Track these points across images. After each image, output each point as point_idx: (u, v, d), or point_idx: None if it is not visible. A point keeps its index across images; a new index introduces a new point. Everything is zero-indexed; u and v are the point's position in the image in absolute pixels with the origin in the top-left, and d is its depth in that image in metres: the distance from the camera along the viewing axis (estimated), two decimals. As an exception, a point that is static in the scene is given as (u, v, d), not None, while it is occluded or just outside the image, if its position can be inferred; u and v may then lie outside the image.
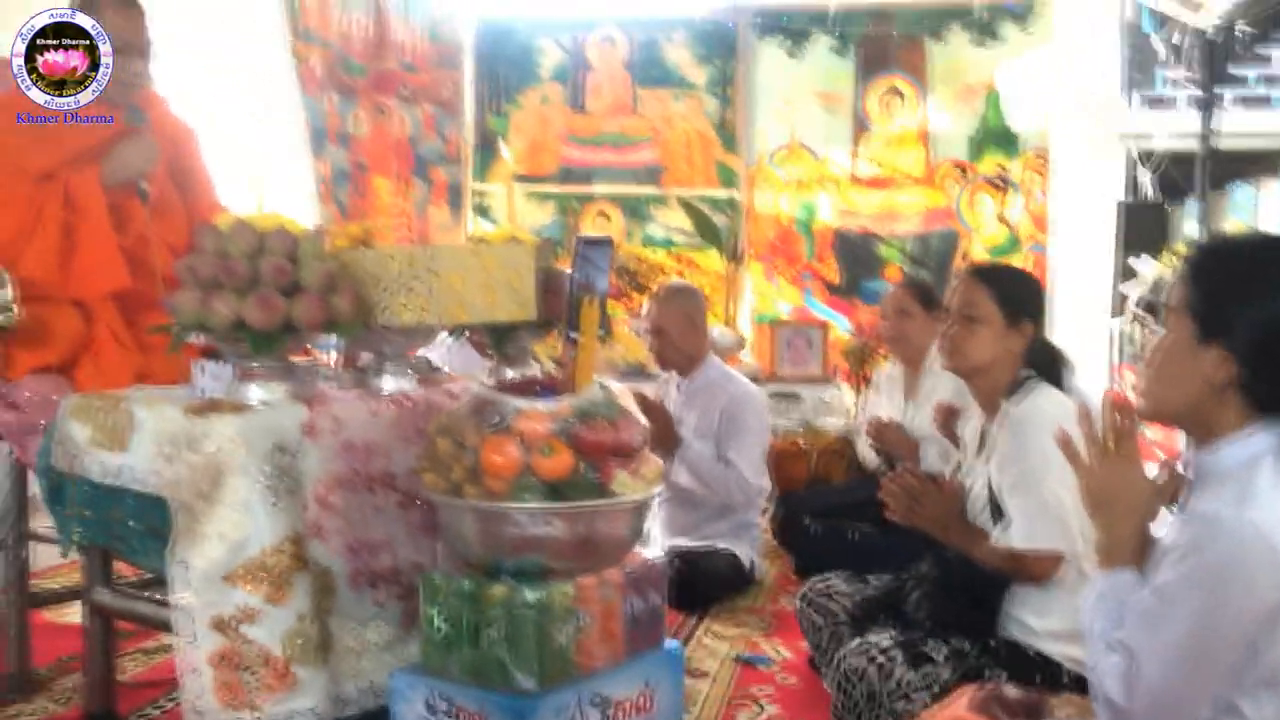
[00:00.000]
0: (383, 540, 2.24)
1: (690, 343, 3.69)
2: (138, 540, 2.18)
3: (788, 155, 6.45)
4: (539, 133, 6.52)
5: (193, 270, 2.03)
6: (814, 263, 6.45)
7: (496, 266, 2.17)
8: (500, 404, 2.04)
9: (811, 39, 6.34)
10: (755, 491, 3.62)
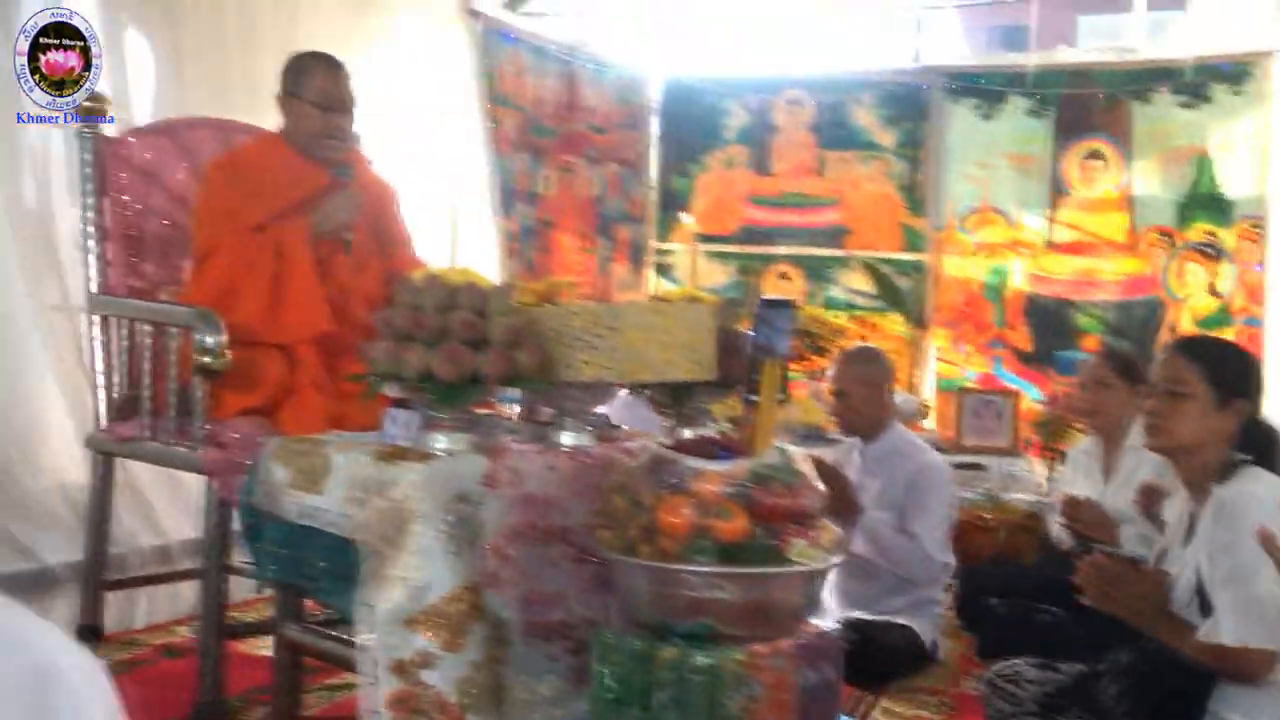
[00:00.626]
0: (557, 594, 2.25)
1: (874, 408, 3.60)
2: (327, 580, 2.26)
3: (979, 219, 6.28)
4: (722, 193, 6.56)
5: (387, 322, 2.12)
6: (1004, 330, 6.23)
7: (677, 326, 2.18)
8: (677, 464, 2.03)
9: (1006, 100, 6.18)
10: (938, 567, 3.48)
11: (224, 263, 2.79)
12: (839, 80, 6.47)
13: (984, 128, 6.22)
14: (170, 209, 3.10)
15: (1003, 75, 6.24)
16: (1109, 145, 6.05)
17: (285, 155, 2.93)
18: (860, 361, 3.65)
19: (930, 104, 6.28)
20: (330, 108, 2.88)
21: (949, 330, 6.30)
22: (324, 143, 2.89)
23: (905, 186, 6.37)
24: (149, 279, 3.08)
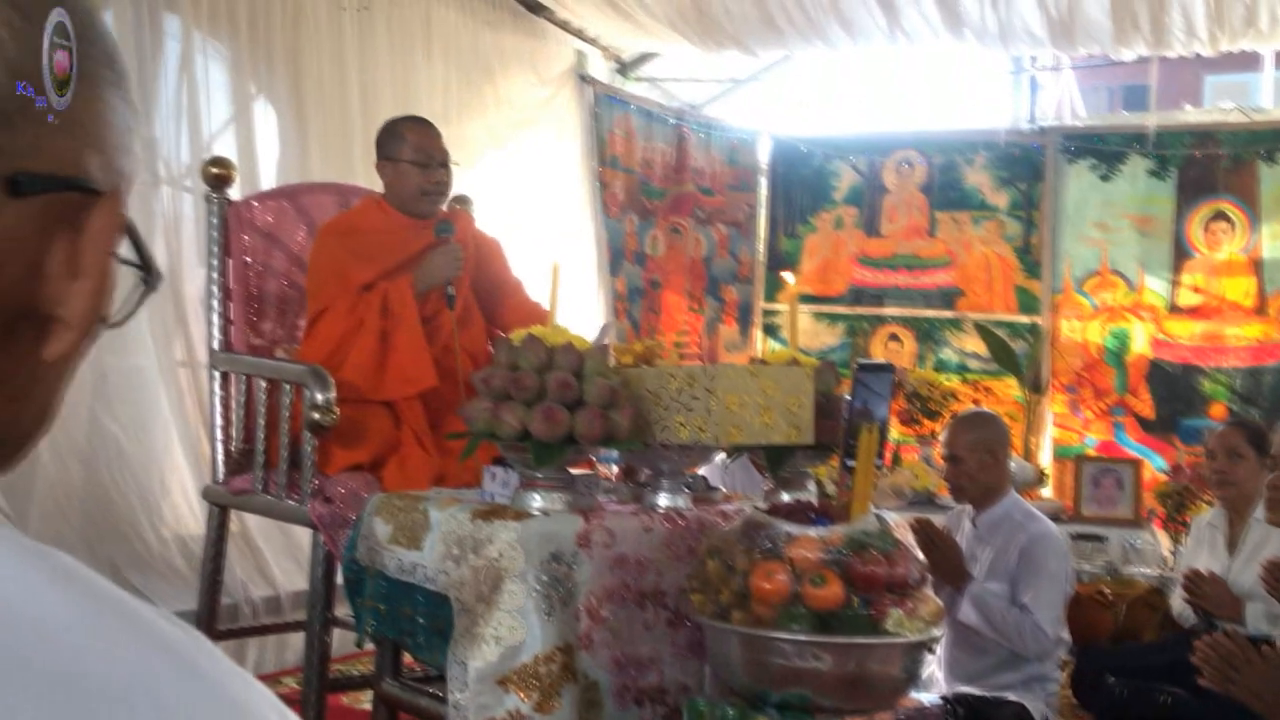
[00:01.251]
0: (650, 657, 2.23)
1: (988, 474, 3.49)
2: (423, 636, 2.28)
3: (1098, 281, 6.11)
4: (831, 254, 6.52)
5: (486, 381, 2.15)
6: (1126, 395, 6.02)
7: (774, 389, 2.16)
8: (771, 528, 2.00)
9: (1126, 161, 6.03)
10: (1051, 643, 3.34)
11: (334, 322, 2.88)
12: (951, 140, 6.40)
13: (1103, 189, 6.07)
14: (289, 269, 3.22)
15: (1122, 136, 6.09)
16: (1235, 207, 5.84)
17: (389, 216, 3.03)
18: (974, 425, 3.56)
19: (1046, 164, 6.16)
20: (426, 163, 2.98)
21: (1067, 395, 6.11)
22: (423, 198, 2.99)
23: (1020, 248, 6.24)
24: (268, 337, 3.20)
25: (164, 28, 3.67)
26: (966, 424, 3.56)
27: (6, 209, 0.50)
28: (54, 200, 0.52)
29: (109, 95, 0.55)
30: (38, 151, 0.51)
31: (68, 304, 0.53)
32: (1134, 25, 5.05)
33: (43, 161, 0.51)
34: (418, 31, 4.77)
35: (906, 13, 5.29)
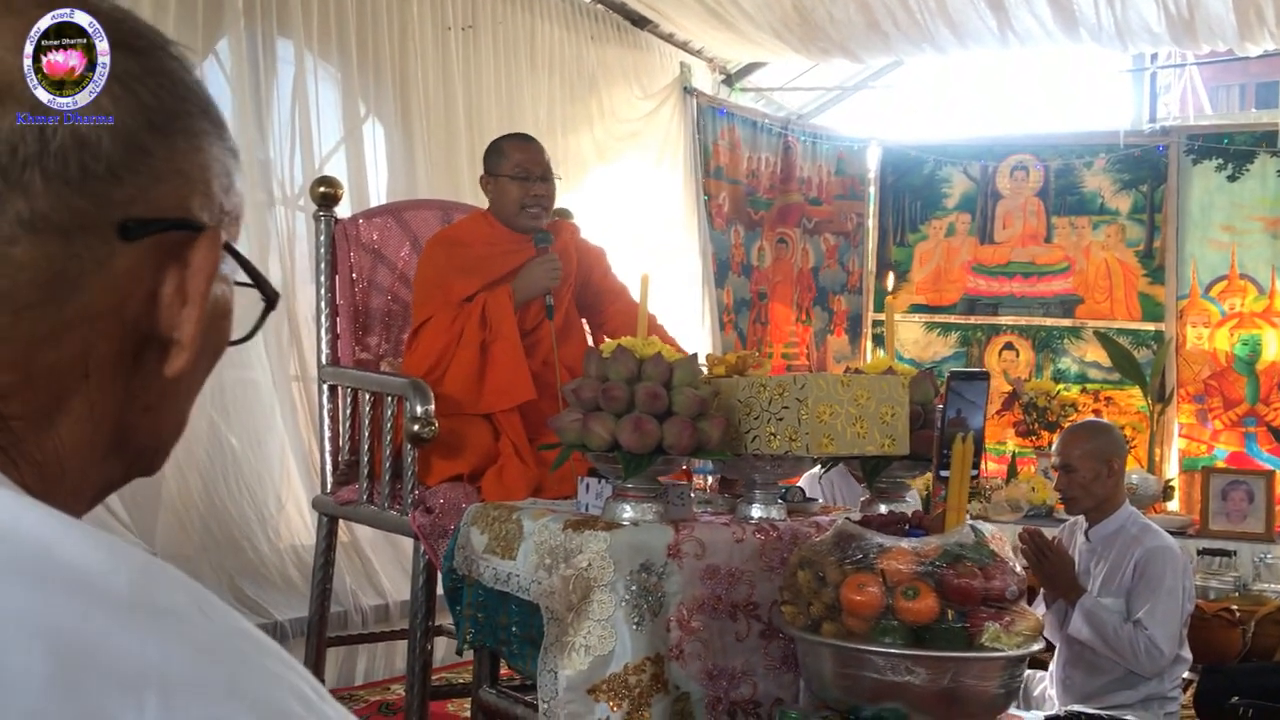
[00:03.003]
0: (743, 670, 2.21)
1: (1102, 486, 3.37)
2: (517, 645, 2.30)
3: (1227, 286, 5.85)
4: (943, 262, 6.39)
5: (576, 393, 2.16)
6: (1257, 405, 5.74)
7: (867, 398, 2.12)
8: (863, 540, 1.97)
9: (1256, 161, 5.77)
10: (1166, 661, 3.20)
11: (435, 334, 2.94)
12: (1068, 143, 6.21)
13: (1230, 189, 5.81)
14: (394, 285, 3.30)
15: (1250, 134, 5.83)
16: (1375, 204, 5.53)
17: (494, 230, 3.08)
18: (1089, 435, 3.44)
19: (1169, 165, 5.93)
20: (526, 177, 3.02)
21: (1194, 405, 5.86)
22: (523, 212, 3.03)
23: (1142, 253, 6.02)
24: (373, 350, 3.28)
25: (278, 52, 3.80)
26: (1081, 433, 3.45)
27: (122, 251, 0.58)
28: (161, 239, 0.60)
29: (206, 143, 0.63)
30: (144, 200, 0.59)
31: (181, 328, 0.61)
32: (1259, 19, 4.84)
33: (149, 207, 0.59)
34: (523, 48, 4.85)
35: (1018, 14, 5.16)
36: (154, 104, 0.60)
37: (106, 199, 0.58)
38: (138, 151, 0.59)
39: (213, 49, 3.55)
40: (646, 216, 5.51)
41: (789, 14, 5.30)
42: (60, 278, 0.56)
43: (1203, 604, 3.96)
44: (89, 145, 0.57)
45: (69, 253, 0.56)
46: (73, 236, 0.56)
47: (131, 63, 0.60)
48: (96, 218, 0.57)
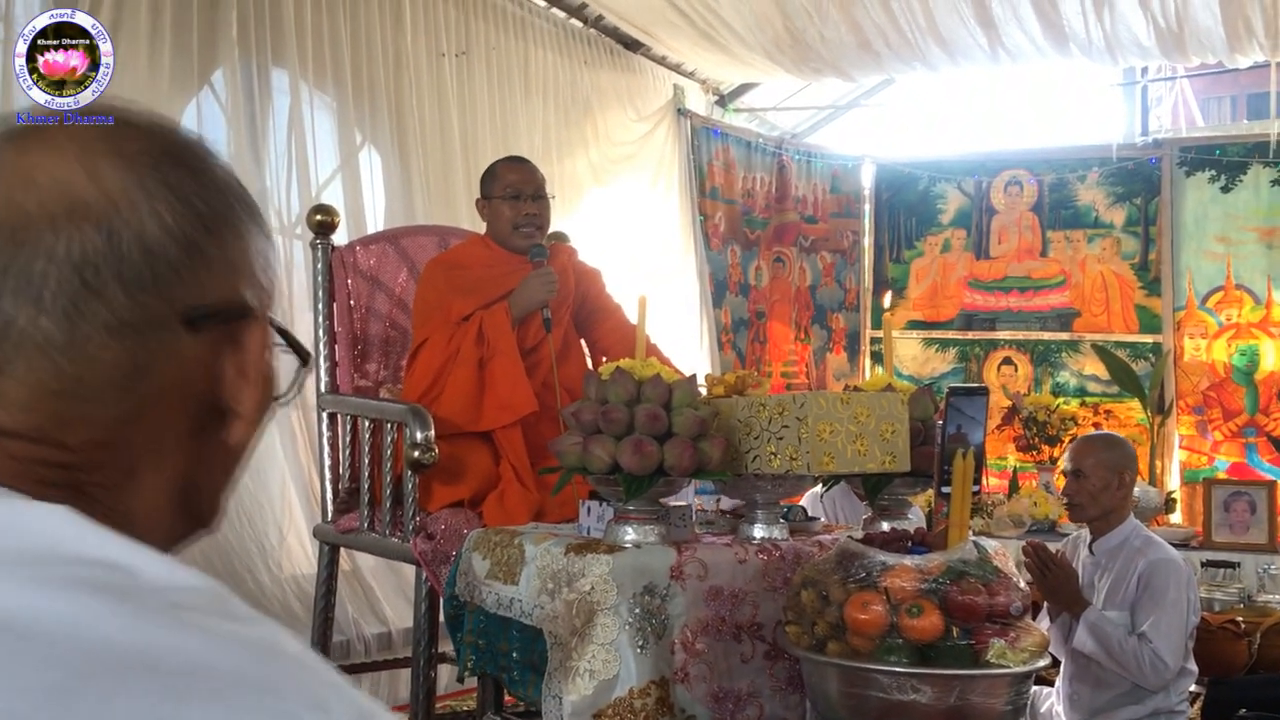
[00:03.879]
0: (749, 691, 2.20)
1: (1110, 496, 3.36)
2: (519, 671, 2.29)
3: (1224, 297, 5.86)
4: (939, 278, 6.40)
5: (576, 416, 2.16)
6: (1257, 415, 5.74)
7: (867, 416, 2.12)
8: (866, 558, 1.97)
9: (1249, 171, 5.79)
10: (1171, 674, 3.18)
11: (433, 354, 2.93)
12: (1061, 157, 6.24)
13: (1224, 200, 5.83)
14: (392, 311, 3.31)
15: (1242, 145, 5.86)
16: (1369, 212, 5.55)
17: (491, 252, 3.09)
18: (1104, 445, 3.43)
19: (1162, 178, 5.95)
20: (518, 196, 3.04)
21: (1194, 417, 5.86)
22: (519, 231, 3.04)
23: (1138, 265, 6.03)
24: (372, 377, 3.28)
25: (273, 82, 3.82)
26: (1097, 442, 3.44)
27: (187, 339, 0.67)
28: (222, 327, 0.69)
29: (248, 234, 0.72)
30: (203, 292, 0.68)
31: (242, 401, 0.71)
32: (1248, 31, 4.87)
33: (207, 298, 0.68)
34: (516, 73, 4.87)
35: (1008, 30, 5.19)
36: (205, 210, 0.69)
37: (172, 296, 0.67)
38: (196, 252, 0.68)
39: (208, 80, 3.56)
40: (643, 238, 5.52)
41: (780, 35, 5.32)
42: (138, 368, 0.66)
43: (1208, 616, 3.95)
44: (156, 253, 0.66)
45: (144, 346, 0.66)
46: (147, 333, 0.66)
47: (185, 176, 0.69)
48: (165, 314, 0.67)
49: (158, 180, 0.67)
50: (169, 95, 3.37)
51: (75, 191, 0.65)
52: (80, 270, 0.64)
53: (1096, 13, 4.94)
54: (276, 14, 3.74)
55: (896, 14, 5.11)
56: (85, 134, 0.68)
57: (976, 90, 6.16)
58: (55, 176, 0.66)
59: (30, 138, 0.68)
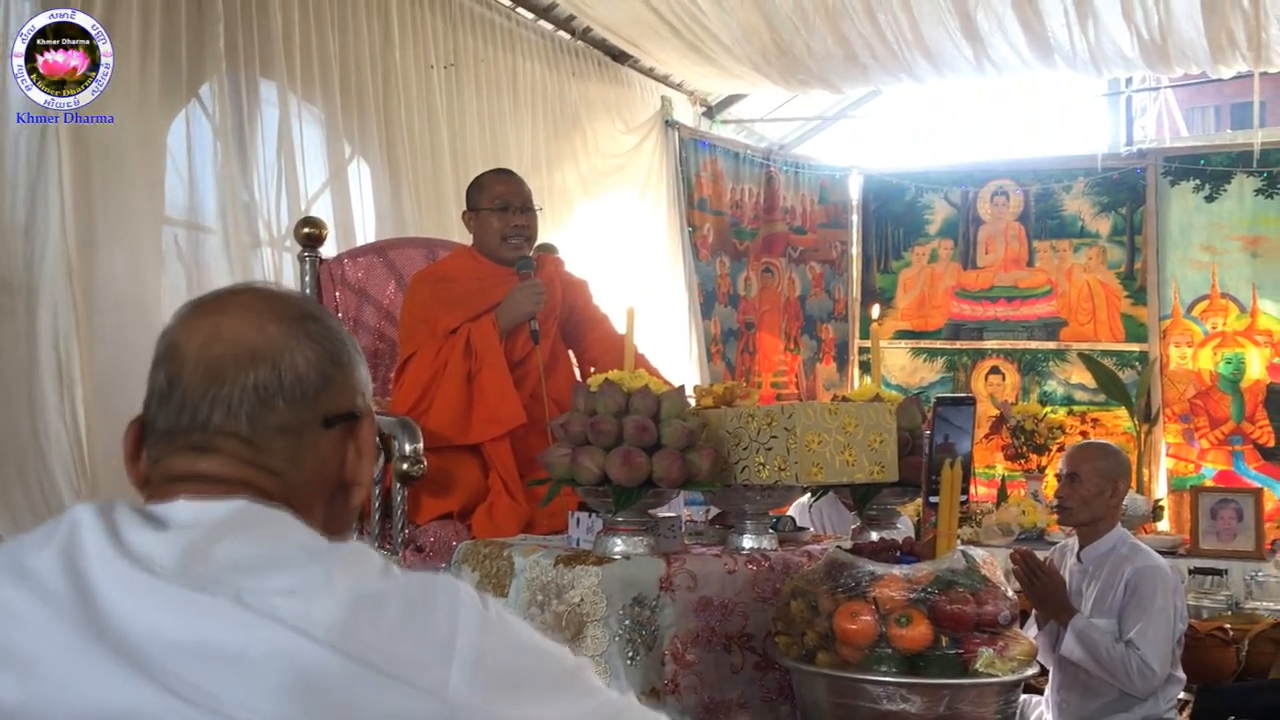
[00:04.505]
0: (739, 702, 2.20)
1: (1102, 504, 3.39)
2: (510, 683, 2.29)
3: (1209, 306, 5.89)
4: (927, 288, 6.43)
5: (565, 427, 2.17)
6: (1244, 423, 5.77)
7: (855, 426, 2.13)
8: (855, 568, 1.97)
9: (1233, 181, 5.83)
10: (1159, 682, 3.20)
11: (420, 367, 2.94)
12: (1047, 168, 6.28)
13: (1209, 210, 5.87)
14: (380, 323, 3.31)
15: (1226, 155, 5.90)
16: (1352, 221, 5.59)
17: (478, 264, 3.10)
18: (1101, 452, 3.46)
19: (1147, 187, 5.99)
20: (506, 208, 3.04)
21: (1180, 425, 5.89)
22: (507, 242, 3.04)
23: (1124, 274, 6.07)
24: (361, 389, 3.27)
25: (261, 94, 3.82)
26: (1095, 449, 3.46)
27: (325, 435, 1.06)
28: (344, 425, 1.08)
29: (357, 365, 1.12)
30: (333, 403, 1.07)
31: (359, 476, 1.11)
32: (1230, 42, 4.91)
33: (335, 408, 1.07)
34: (505, 85, 4.88)
35: (993, 42, 5.22)
36: (332, 350, 1.08)
37: (315, 407, 1.05)
38: (327, 378, 1.06)
39: (196, 92, 3.56)
40: (632, 249, 5.53)
41: (768, 47, 5.35)
42: (297, 456, 1.05)
43: (1196, 624, 3.97)
44: (305, 380, 1.05)
45: (299, 438, 1.05)
46: (300, 431, 1.05)
47: (319, 330, 1.07)
48: (311, 419, 1.05)
49: (302, 333, 1.05)
50: (159, 106, 3.37)
51: (251, 342, 1.03)
52: (258, 391, 1.02)
53: (1081, 25, 4.98)
54: (265, 25, 3.74)
55: (883, 26, 5.13)
56: (254, 303, 1.06)
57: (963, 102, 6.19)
58: (238, 332, 1.03)
59: (213, 307, 1.06)
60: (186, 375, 1.03)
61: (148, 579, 0.86)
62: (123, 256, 3.19)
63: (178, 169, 3.41)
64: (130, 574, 0.86)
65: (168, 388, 1.04)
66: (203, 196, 3.50)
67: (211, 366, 1.02)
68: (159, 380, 1.05)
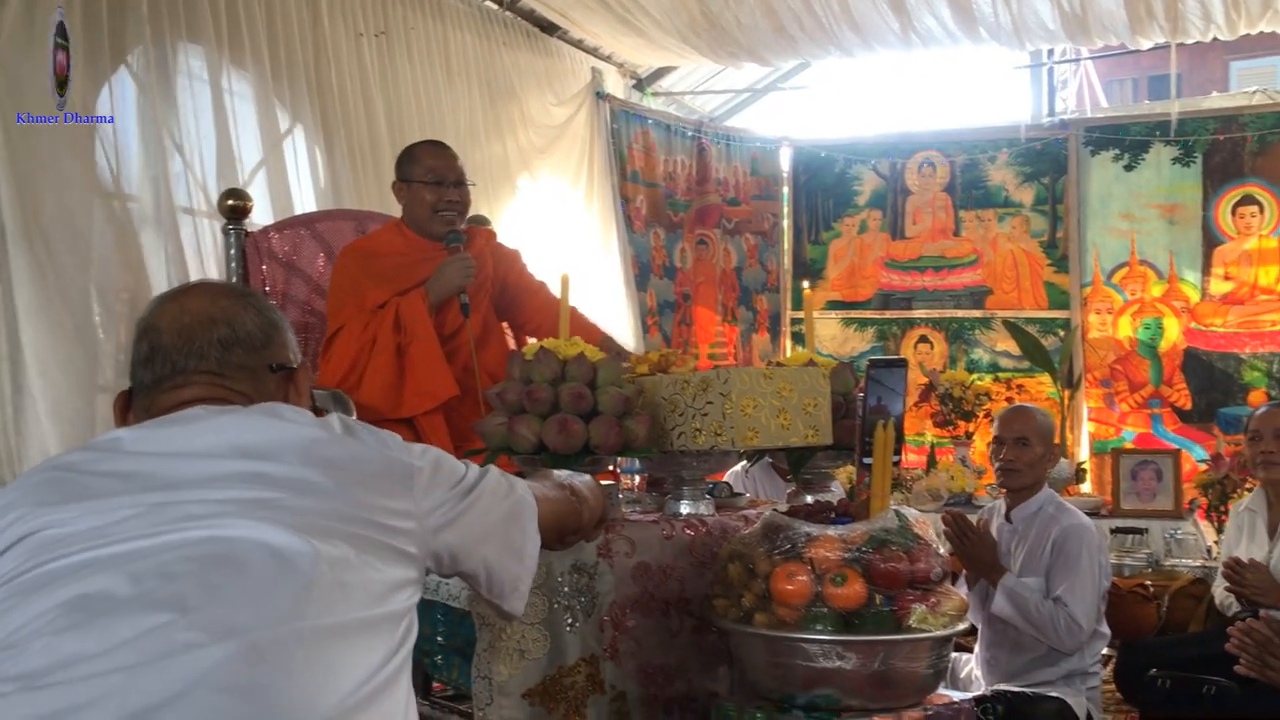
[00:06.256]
0: (677, 666, 2.23)
1: (1043, 466, 3.46)
2: (441, 655, 2.29)
3: (1128, 273, 6.04)
4: (857, 259, 6.51)
5: (501, 396, 2.16)
6: (1162, 387, 5.94)
7: (790, 390, 2.16)
8: (792, 530, 2.00)
9: (1150, 150, 5.97)
10: (1086, 637, 3.29)
11: (348, 341, 2.90)
12: (972, 138, 6.37)
13: (1128, 179, 6.01)
14: (309, 297, 3.26)
15: (1144, 125, 6.04)
16: (1264, 190, 5.76)
17: (407, 238, 3.06)
18: (1039, 415, 3.51)
19: (1069, 157, 6.11)
20: (440, 182, 3.01)
21: (1102, 390, 6.04)
22: (436, 217, 3.01)
23: (1047, 243, 6.19)
24: (291, 364, 3.22)
25: (189, 62, 3.69)
26: (1034, 413, 3.50)
27: (272, 378, 1.45)
28: (285, 373, 1.46)
29: (287, 331, 1.50)
30: (275, 356, 1.45)
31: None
32: (1149, 13, 5.01)
33: (277, 359, 1.46)
34: (437, 55, 4.81)
35: (919, 15, 5.28)
36: (271, 318, 1.47)
37: (262, 356, 1.43)
38: (269, 337, 1.45)
39: (124, 60, 3.44)
40: (566, 221, 5.51)
41: (696, 19, 5.34)
42: (255, 388, 1.42)
43: (1118, 581, 4.08)
44: (253, 336, 1.43)
45: (255, 379, 1.43)
46: (256, 372, 1.43)
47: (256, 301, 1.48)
48: (260, 365, 1.43)
49: (245, 304, 1.45)
50: (83, 75, 3.23)
51: (210, 311, 1.41)
52: (221, 343, 1.40)
53: (1005, -4, 5.06)
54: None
55: (812, 0, 5.16)
56: (206, 288, 1.49)
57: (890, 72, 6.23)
58: (199, 306, 1.42)
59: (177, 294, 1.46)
60: (166, 341, 1.39)
61: None
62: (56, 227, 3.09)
63: (103, 138, 3.30)
64: None
65: (150, 352, 1.39)
66: (129, 166, 3.40)
67: (183, 331, 1.39)
68: (142, 350, 1.40)
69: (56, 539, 1.17)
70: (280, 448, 1.27)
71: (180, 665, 1.09)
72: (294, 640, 1.13)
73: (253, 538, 1.17)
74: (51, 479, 1.24)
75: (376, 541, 1.27)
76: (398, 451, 1.38)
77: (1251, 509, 3.63)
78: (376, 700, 1.20)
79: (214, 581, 1.14)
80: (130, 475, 1.23)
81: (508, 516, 1.51)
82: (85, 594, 1.13)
